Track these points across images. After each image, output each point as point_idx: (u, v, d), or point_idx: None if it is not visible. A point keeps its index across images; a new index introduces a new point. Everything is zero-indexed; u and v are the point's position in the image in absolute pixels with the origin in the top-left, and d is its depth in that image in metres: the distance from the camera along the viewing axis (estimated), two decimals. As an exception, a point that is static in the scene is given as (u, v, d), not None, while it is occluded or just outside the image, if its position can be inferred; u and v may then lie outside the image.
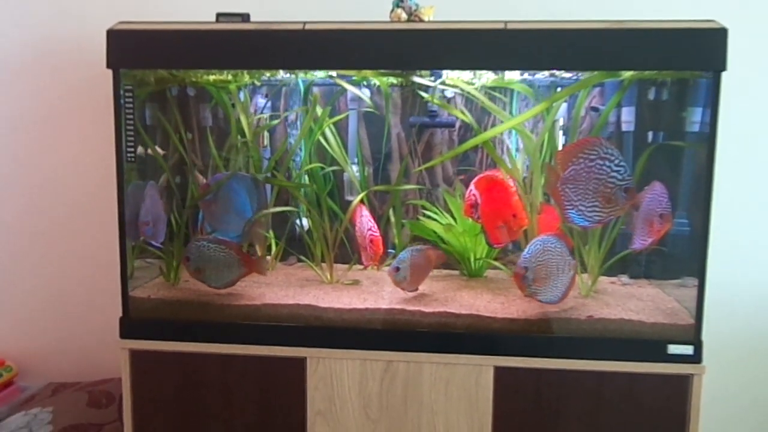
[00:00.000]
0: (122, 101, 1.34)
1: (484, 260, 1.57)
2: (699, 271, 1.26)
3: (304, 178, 1.58)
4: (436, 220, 1.58)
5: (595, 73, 1.34)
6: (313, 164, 1.57)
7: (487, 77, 1.45)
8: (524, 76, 1.45)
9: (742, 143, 1.64)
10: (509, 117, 1.50)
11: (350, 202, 1.57)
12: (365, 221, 1.50)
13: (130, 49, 1.32)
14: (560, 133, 1.52)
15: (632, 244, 1.38)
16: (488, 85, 1.48)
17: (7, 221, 1.87)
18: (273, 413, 1.37)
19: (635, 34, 1.21)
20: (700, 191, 1.25)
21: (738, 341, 1.71)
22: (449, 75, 1.44)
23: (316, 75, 1.52)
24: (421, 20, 1.34)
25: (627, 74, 1.36)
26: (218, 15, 1.35)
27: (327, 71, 1.47)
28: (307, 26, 1.27)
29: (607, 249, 1.43)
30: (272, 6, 1.56)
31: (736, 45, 1.21)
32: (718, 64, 1.19)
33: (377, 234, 1.50)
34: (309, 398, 1.35)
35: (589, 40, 1.23)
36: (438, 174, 1.63)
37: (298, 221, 1.62)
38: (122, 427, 1.41)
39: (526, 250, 1.33)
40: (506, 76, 1.45)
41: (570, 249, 1.34)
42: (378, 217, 1.58)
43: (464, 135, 1.60)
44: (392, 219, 1.62)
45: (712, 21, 1.21)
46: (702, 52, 1.20)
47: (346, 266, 1.60)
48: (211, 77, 1.51)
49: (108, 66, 1.31)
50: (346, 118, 1.62)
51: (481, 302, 1.39)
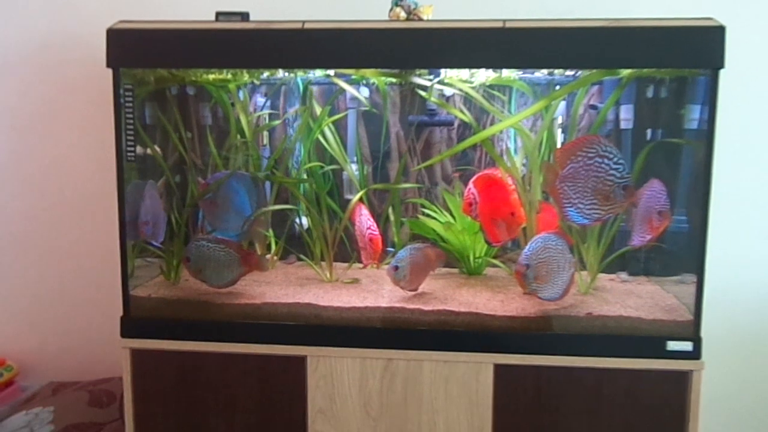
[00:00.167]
0: (122, 100, 1.34)
1: (483, 258, 1.57)
2: (698, 267, 1.26)
3: (304, 177, 1.58)
4: (435, 219, 1.58)
5: (594, 71, 1.35)
6: (313, 163, 1.58)
7: (486, 75, 1.46)
8: (523, 75, 1.45)
9: (740, 140, 1.64)
10: (507, 116, 1.51)
11: (349, 200, 1.57)
12: (364, 220, 1.51)
13: (130, 48, 1.32)
14: (559, 131, 1.52)
15: (631, 241, 1.38)
16: (487, 83, 1.48)
17: (7, 221, 1.87)
18: (274, 412, 1.37)
19: (634, 33, 1.21)
20: (698, 188, 1.26)
21: (737, 337, 1.71)
22: (448, 73, 1.44)
23: (315, 74, 1.52)
24: (420, 19, 1.34)
25: (625, 72, 1.36)
26: (218, 14, 1.35)
27: (326, 70, 1.47)
28: (307, 25, 1.28)
29: (606, 246, 1.43)
30: (272, 5, 1.56)
31: (734, 43, 1.22)
32: (716, 62, 1.20)
33: (376, 232, 1.50)
34: (309, 396, 1.35)
35: (587, 38, 1.23)
36: (437, 172, 1.64)
37: (297, 220, 1.62)
38: (123, 427, 1.41)
39: (526, 247, 1.33)
40: (504, 75, 1.45)
41: (570, 246, 1.34)
42: (377, 216, 1.58)
43: (463, 133, 1.61)
44: (391, 217, 1.62)
45: (710, 19, 1.21)
46: (700, 49, 1.21)
47: (346, 265, 1.60)
48: (211, 76, 1.51)
49: (108, 65, 1.31)
50: (346, 117, 1.62)
51: (480, 300, 1.39)
